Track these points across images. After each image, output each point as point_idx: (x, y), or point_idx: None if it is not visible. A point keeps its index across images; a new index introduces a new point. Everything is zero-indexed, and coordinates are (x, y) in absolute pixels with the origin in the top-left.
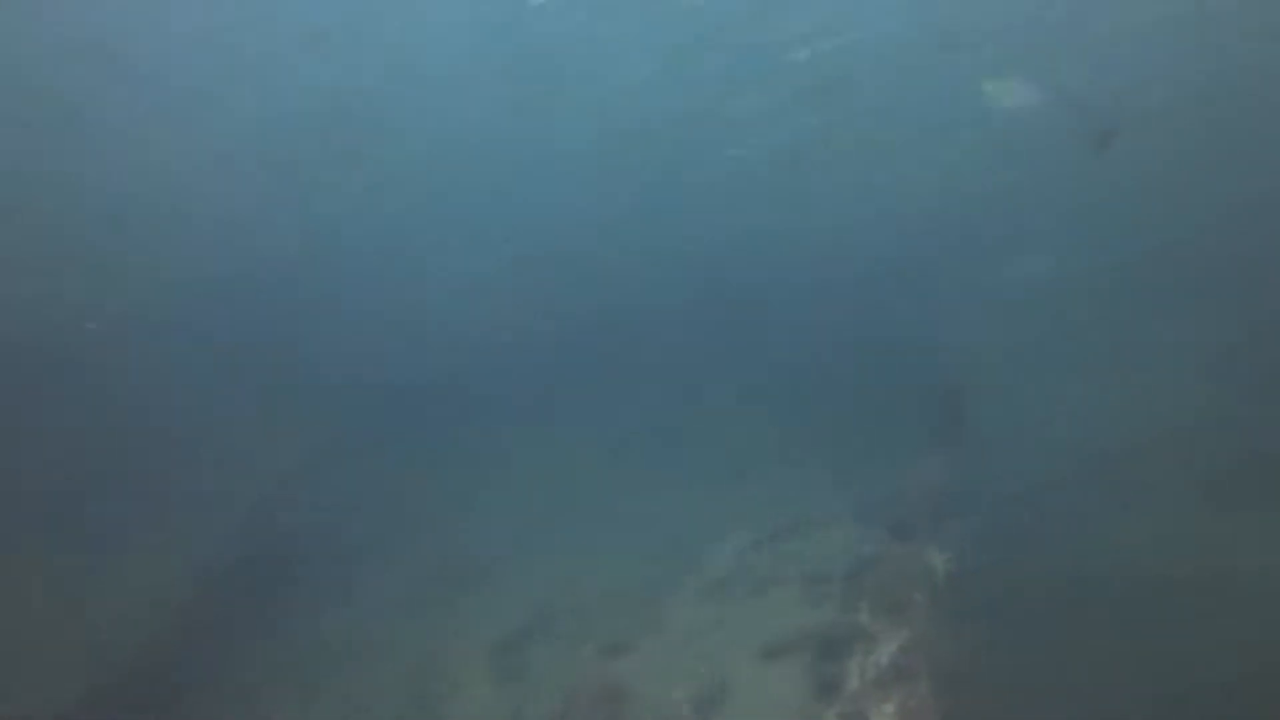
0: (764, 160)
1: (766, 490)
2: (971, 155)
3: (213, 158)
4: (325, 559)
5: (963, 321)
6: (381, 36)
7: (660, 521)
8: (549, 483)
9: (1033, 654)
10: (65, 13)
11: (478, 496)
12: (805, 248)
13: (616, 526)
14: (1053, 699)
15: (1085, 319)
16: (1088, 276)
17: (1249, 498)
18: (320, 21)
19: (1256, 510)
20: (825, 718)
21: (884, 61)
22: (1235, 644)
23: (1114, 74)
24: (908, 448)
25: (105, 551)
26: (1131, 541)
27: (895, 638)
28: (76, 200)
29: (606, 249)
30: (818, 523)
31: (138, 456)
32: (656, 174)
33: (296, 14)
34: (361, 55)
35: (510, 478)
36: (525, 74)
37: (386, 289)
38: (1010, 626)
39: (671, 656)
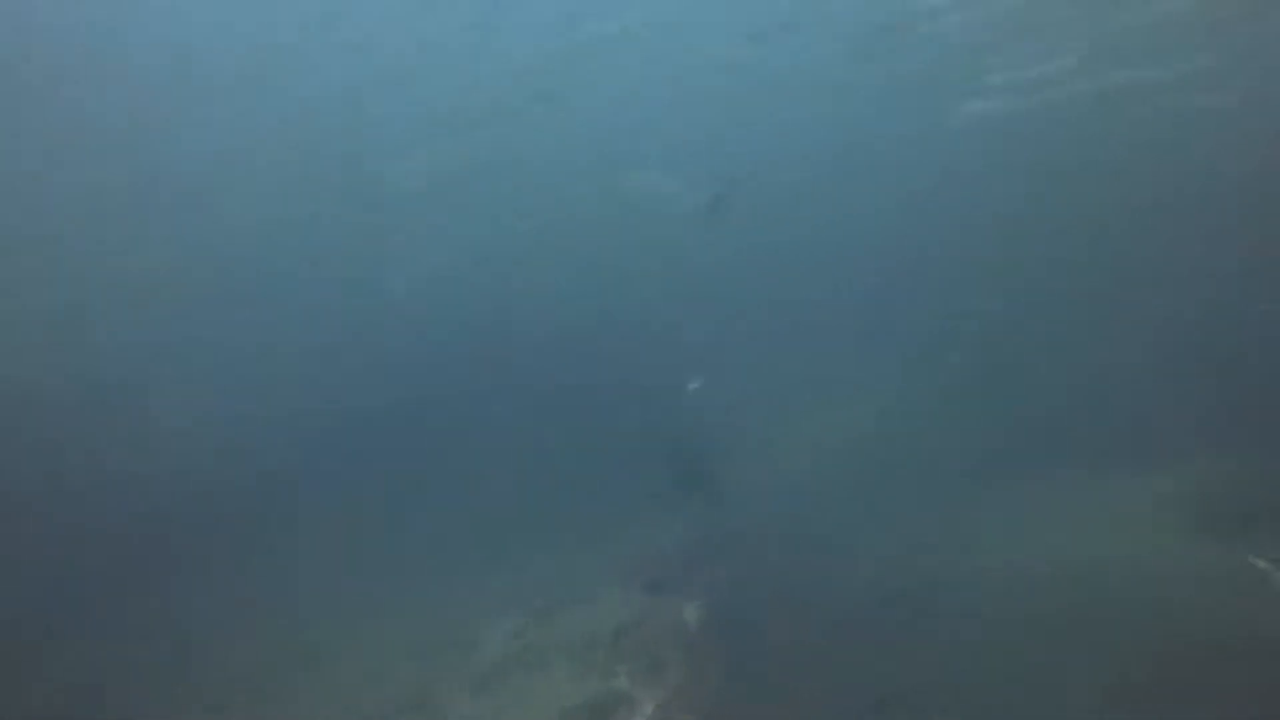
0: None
1: (533, 568)
2: (633, 236)
3: None
4: None
5: (688, 385)
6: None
7: (433, 614)
8: (305, 595)
9: (781, 684)
10: None
11: (233, 619)
12: (526, 347)
13: (391, 625)
14: None
15: (793, 363)
16: (784, 327)
17: (969, 507)
18: None
19: (981, 516)
20: None
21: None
22: (981, 647)
23: (730, 155)
24: (657, 506)
25: None
26: (864, 562)
27: (653, 696)
28: None
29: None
30: (582, 593)
31: None
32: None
33: None
34: None
35: (273, 591)
36: None
37: None
38: (758, 661)
39: None
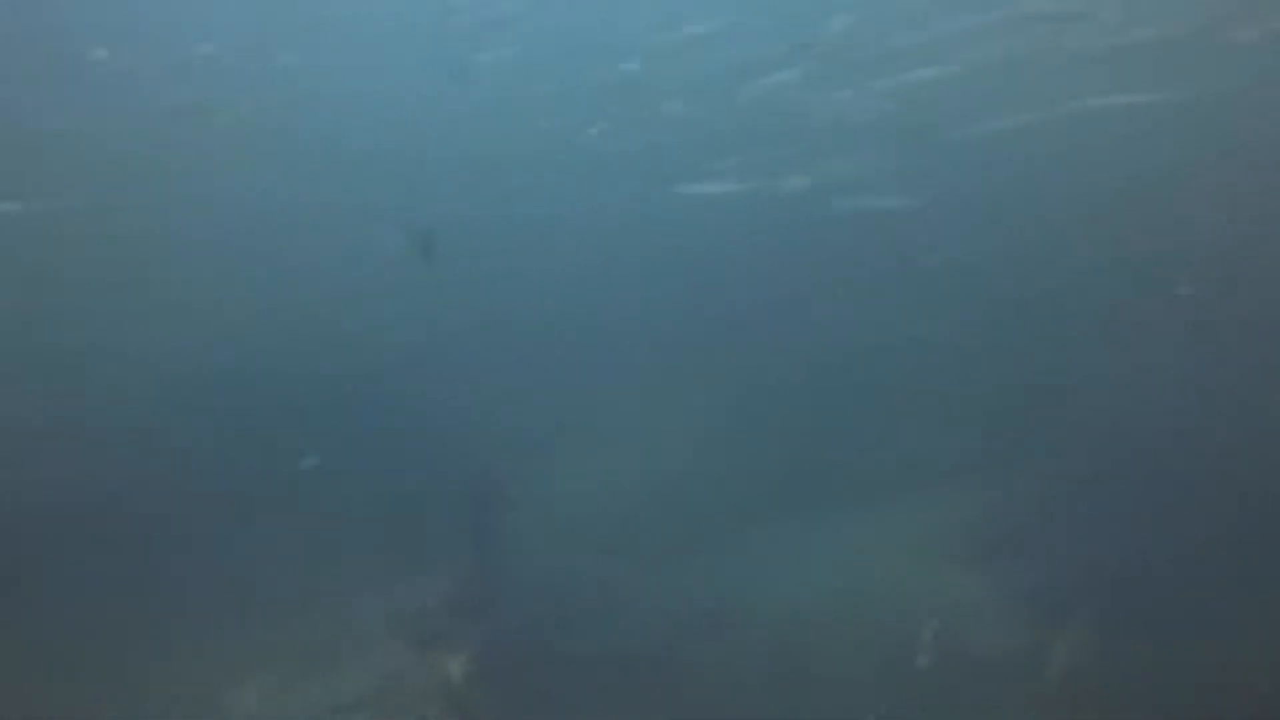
0: None
1: (287, 625)
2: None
3: None
4: None
5: (473, 433)
6: None
7: (177, 678)
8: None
9: None
10: None
11: None
12: (278, 396)
13: (129, 694)
14: None
15: (556, 409)
16: (531, 373)
17: (746, 546)
18: None
19: (760, 554)
20: None
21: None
22: (757, 691)
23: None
24: (422, 557)
25: None
26: (639, 608)
27: None
28: None
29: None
30: (341, 650)
31: None
32: None
33: None
34: None
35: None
36: None
37: None
38: (524, 713)
39: None
